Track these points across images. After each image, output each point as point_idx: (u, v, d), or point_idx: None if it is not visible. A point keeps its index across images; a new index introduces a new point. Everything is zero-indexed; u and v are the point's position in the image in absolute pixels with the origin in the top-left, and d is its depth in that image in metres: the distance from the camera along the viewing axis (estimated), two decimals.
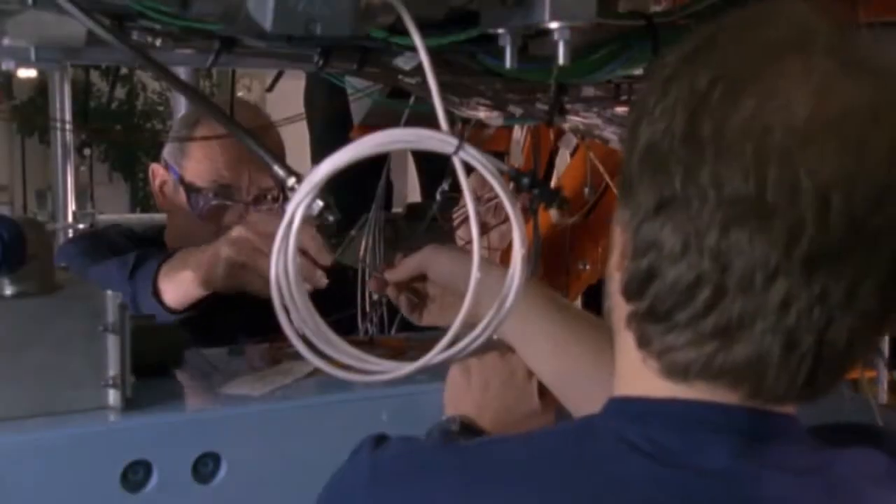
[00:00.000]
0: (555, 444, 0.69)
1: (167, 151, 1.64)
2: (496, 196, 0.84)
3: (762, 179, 0.60)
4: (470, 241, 0.82)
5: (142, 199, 6.29)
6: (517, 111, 1.24)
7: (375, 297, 1.35)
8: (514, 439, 0.73)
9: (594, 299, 2.23)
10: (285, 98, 1.88)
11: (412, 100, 1.32)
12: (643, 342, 0.68)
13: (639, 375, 0.68)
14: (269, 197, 1.59)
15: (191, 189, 1.58)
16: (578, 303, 1.78)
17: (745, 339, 0.63)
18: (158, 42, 0.96)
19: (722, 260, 0.62)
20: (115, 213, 3.84)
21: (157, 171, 1.64)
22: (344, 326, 0.89)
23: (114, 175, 6.56)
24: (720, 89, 0.63)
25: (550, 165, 1.64)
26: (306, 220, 0.78)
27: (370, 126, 1.65)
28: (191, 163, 1.59)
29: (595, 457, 0.66)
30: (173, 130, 1.69)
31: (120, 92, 6.22)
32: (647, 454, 0.65)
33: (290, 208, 0.78)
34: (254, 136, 0.91)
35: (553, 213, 1.63)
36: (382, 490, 0.70)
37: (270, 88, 1.26)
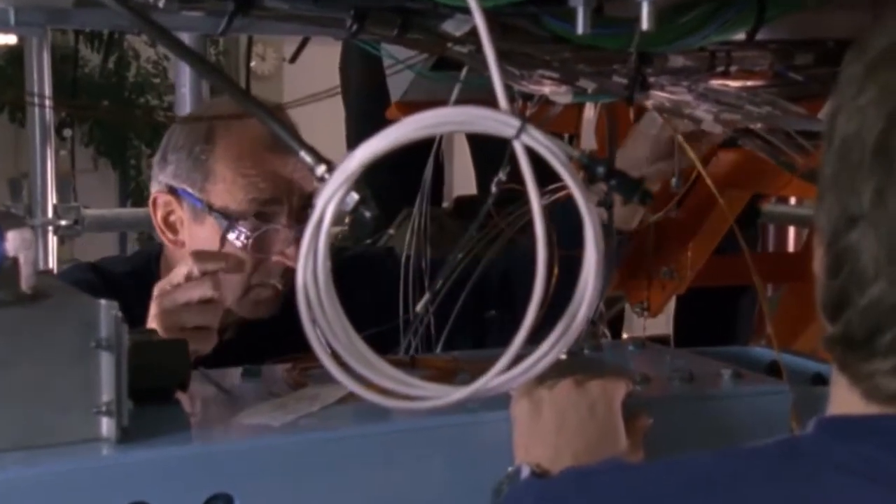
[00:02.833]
0: (755, 461, 0.74)
1: (171, 175, 1.59)
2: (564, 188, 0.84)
3: None
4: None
5: (133, 190, 6.36)
6: (590, 86, 1.24)
7: (419, 307, 1.36)
8: (702, 455, 0.78)
9: (687, 313, 2.24)
10: (306, 70, 1.89)
11: (463, 72, 1.33)
12: (843, 367, 0.74)
13: (846, 396, 0.74)
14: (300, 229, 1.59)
15: (227, 216, 1.54)
16: (664, 318, 1.78)
17: None
18: (161, 2, 0.98)
19: None
20: (103, 206, 3.88)
21: (160, 200, 1.59)
22: (379, 343, 0.90)
23: (100, 161, 6.63)
24: None
25: None
26: (339, 216, 0.79)
27: (410, 103, 1.67)
28: (219, 184, 1.55)
29: (800, 476, 0.72)
30: (173, 146, 1.59)
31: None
32: (856, 473, 0.70)
33: (319, 203, 0.79)
34: (277, 117, 0.93)
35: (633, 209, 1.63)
36: None
37: (294, 59, 1.27)
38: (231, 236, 1.54)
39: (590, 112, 1.54)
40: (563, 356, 1.29)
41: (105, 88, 6.27)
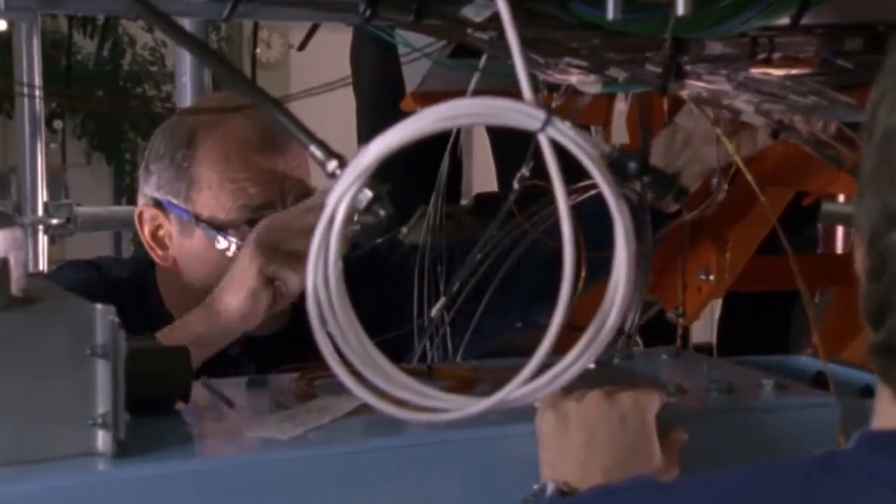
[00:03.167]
0: (791, 476, 0.75)
1: (155, 186, 1.57)
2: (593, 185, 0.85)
3: None
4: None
5: (129, 186, 6.40)
6: (621, 75, 1.25)
7: (434, 311, 1.37)
8: (737, 471, 0.79)
9: (732, 320, 2.23)
10: (315, 59, 1.90)
11: (483, 60, 1.33)
12: (886, 378, 0.74)
13: (890, 409, 0.74)
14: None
15: (215, 227, 1.53)
16: (700, 325, 1.78)
17: None
18: None
19: None
20: (96, 203, 3.91)
21: (147, 215, 1.58)
22: (392, 350, 0.91)
23: (93, 155, 6.68)
24: None
25: None
26: (351, 215, 0.80)
27: (427, 94, 1.67)
28: (204, 192, 1.54)
29: (840, 490, 0.72)
30: (154, 154, 1.58)
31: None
32: None
33: (330, 200, 0.80)
34: (282, 107, 0.94)
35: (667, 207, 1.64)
36: None
37: (302, 46, 1.28)
38: (220, 246, 1.52)
39: (621, 103, 1.54)
40: (592, 365, 1.30)
41: (98, 77, 6.31)
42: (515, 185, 1.43)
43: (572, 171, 0.88)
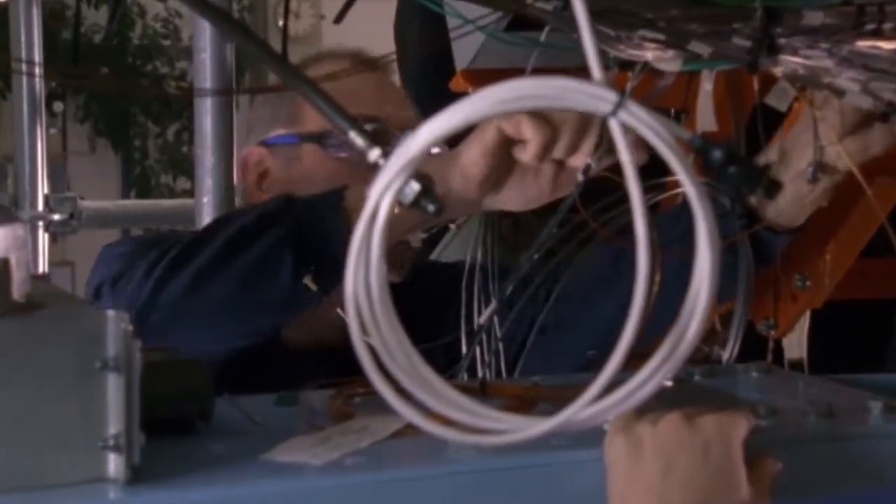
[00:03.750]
0: None
1: (260, 130, 1.71)
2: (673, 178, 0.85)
3: None
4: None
5: (139, 177, 6.43)
6: (704, 50, 1.25)
7: (483, 318, 1.38)
8: None
9: (826, 332, 2.22)
10: (350, 32, 1.91)
11: (544, 34, 1.34)
12: None
13: None
14: None
15: (328, 136, 1.63)
16: (796, 338, 1.78)
17: None
18: None
19: None
20: (100, 196, 3.94)
21: (253, 156, 1.71)
22: (437, 361, 0.92)
23: (98, 142, 6.72)
24: None
25: (754, 130, 1.65)
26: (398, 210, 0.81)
27: (479, 72, 1.68)
28: (310, 112, 1.63)
29: None
30: (257, 105, 1.75)
31: (103, 16, 6.32)
32: None
33: (373, 193, 0.81)
34: (317, 87, 0.95)
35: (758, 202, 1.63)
36: None
37: (339, 18, 1.30)
38: (341, 154, 1.61)
39: (707, 84, 1.54)
40: (669, 383, 1.31)
41: (104, 53, 6.34)
42: (580, 177, 1.43)
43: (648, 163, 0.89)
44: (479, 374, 1.44)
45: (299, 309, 1.44)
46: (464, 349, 1.51)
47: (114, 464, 1.05)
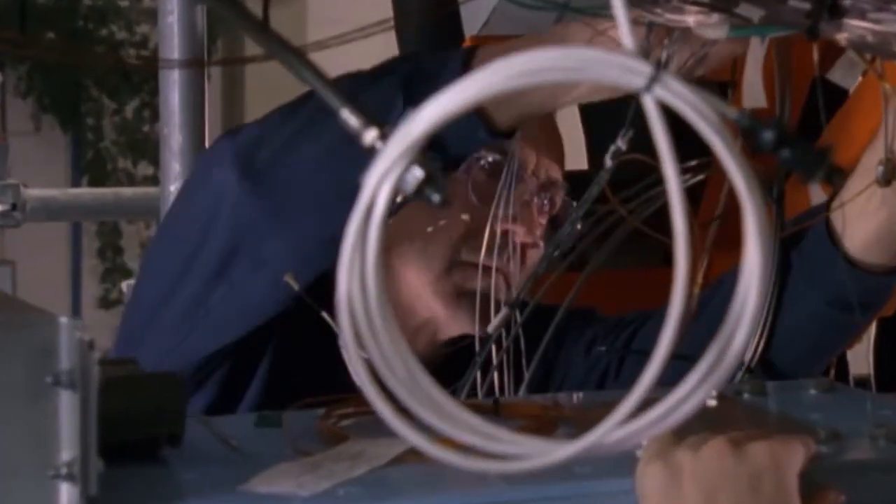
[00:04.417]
0: None
1: None
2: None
3: None
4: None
5: (92, 161, 6.42)
6: (755, 13, 1.25)
7: (492, 327, 1.39)
8: None
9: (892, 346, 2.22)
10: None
11: None
12: None
13: None
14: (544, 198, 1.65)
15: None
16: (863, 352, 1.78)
17: None
18: None
19: None
20: (48, 183, 3.94)
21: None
22: (444, 378, 0.92)
23: (44, 119, 6.72)
24: None
25: (812, 110, 1.65)
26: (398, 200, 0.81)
27: (492, 39, 1.69)
28: None
29: None
30: None
31: None
32: None
33: (370, 181, 0.81)
34: (305, 59, 0.95)
35: (815, 191, 1.64)
36: None
37: None
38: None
39: (757, 53, 1.54)
40: (713, 402, 1.31)
41: (50, 14, 6.35)
42: (608, 161, 1.44)
43: (687, 144, 0.89)
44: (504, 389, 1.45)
45: None
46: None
47: (67, 495, 1.04)
